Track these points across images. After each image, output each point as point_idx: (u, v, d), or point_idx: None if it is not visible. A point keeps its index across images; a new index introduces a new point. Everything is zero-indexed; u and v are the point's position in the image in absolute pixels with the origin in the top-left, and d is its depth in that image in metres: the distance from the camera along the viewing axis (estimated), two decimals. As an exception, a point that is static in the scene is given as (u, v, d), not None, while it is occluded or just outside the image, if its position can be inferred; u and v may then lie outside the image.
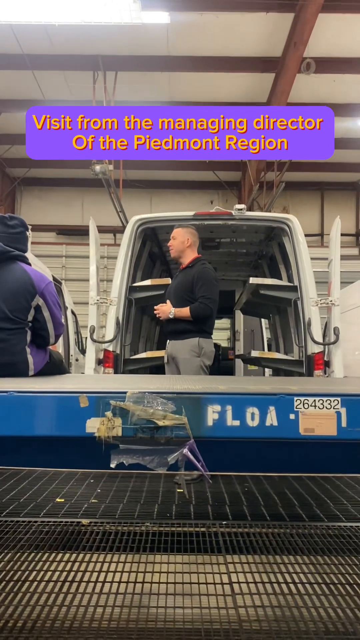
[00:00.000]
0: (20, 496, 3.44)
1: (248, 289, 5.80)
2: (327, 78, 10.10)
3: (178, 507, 3.26)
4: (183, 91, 10.98)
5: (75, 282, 13.27)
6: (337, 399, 1.64)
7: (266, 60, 9.86)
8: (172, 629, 1.96)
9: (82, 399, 1.65)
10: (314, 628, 1.95)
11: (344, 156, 13.62)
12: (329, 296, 4.92)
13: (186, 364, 4.12)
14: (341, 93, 10.81)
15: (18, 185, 15.46)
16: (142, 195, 14.98)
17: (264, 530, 2.87)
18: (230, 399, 1.65)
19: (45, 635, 1.89)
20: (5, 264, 2.71)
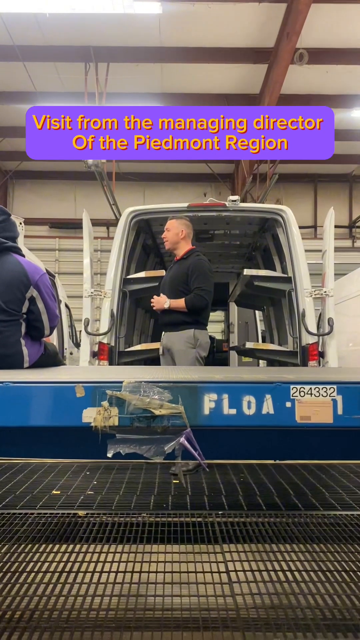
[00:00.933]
0: (16, 489, 3.44)
1: (242, 280, 5.80)
2: (320, 69, 10.07)
3: (174, 497, 3.27)
4: (176, 82, 10.92)
5: (69, 276, 13.23)
6: (333, 387, 1.64)
7: (259, 51, 9.81)
8: (169, 617, 1.97)
9: (78, 389, 1.64)
10: (311, 615, 1.96)
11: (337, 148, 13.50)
12: (323, 287, 4.93)
13: (182, 355, 4.12)
14: (334, 84, 10.78)
15: (10, 178, 15.35)
16: (135, 188, 14.92)
17: (260, 519, 2.88)
18: (227, 388, 1.65)
19: (44, 625, 1.89)
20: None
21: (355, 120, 12.18)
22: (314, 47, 9.30)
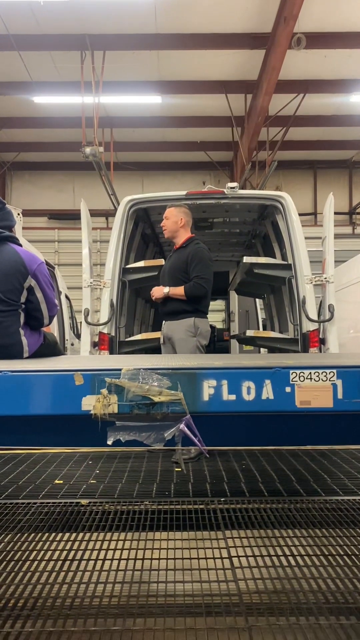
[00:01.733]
0: (18, 479, 3.44)
1: (242, 268, 5.78)
2: (318, 54, 9.97)
3: (176, 485, 3.28)
4: (172, 70, 10.82)
5: (69, 267, 13.22)
6: (333, 371, 1.64)
7: (256, 37, 9.71)
8: (172, 603, 1.98)
9: (77, 377, 1.64)
10: (313, 599, 1.97)
11: (336, 133, 13.54)
12: (323, 274, 4.91)
13: (182, 344, 4.12)
14: (332, 69, 10.69)
15: (8, 169, 15.29)
16: (133, 177, 14.86)
17: (262, 505, 2.88)
18: (226, 374, 1.65)
19: (47, 613, 1.90)
20: (-5, 246, 2.68)
21: (354, 105, 12.10)
22: (311, 32, 9.21)
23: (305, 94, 11.24)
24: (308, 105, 11.63)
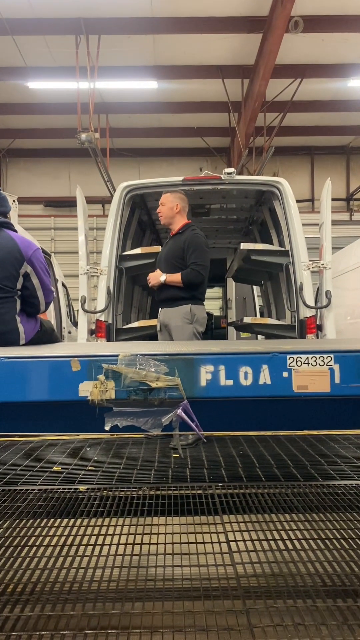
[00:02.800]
0: (17, 466, 3.46)
1: (239, 255, 5.76)
2: (315, 37, 9.85)
3: (174, 471, 3.29)
4: (168, 54, 10.69)
5: (65, 255, 13.13)
6: (330, 356, 1.63)
7: (253, 20, 9.58)
8: (171, 587, 1.99)
9: (74, 363, 1.63)
10: (311, 582, 1.99)
11: (334, 119, 13.44)
12: (321, 260, 4.90)
13: (179, 330, 4.11)
14: (330, 53, 10.57)
15: (3, 156, 15.16)
16: (129, 163, 14.76)
17: (260, 490, 2.90)
18: (223, 359, 1.64)
19: (46, 597, 1.91)
20: (-10, 233, 2.66)
21: (352, 91, 11.99)
22: (309, 15, 9.09)
23: (303, 78, 11.13)
24: (305, 90, 11.53)
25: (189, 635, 1.65)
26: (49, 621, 1.76)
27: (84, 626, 1.72)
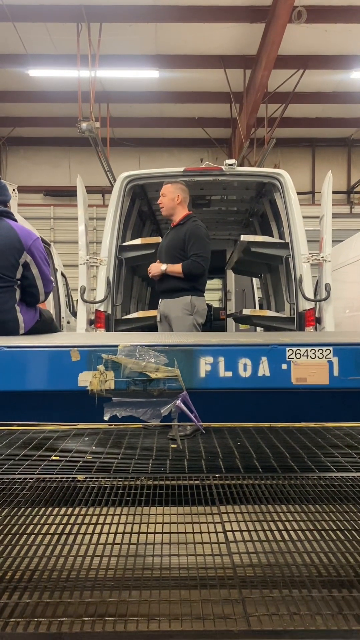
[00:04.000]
0: (15, 454, 3.47)
1: (239, 247, 5.75)
2: (318, 28, 9.78)
3: (172, 461, 3.31)
4: (170, 43, 10.61)
5: (65, 245, 13.10)
6: (330, 349, 1.63)
7: (256, 10, 9.51)
8: (168, 576, 2.01)
9: (73, 353, 1.63)
10: (306, 572, 2.00)
11: (336, 111, 13.37)
12: (321, 252, 4.89)
13: (179, 322, 4.12)
14: (333, 44, 10.50)
15: (3, 145, 15.07)
16: (130, 153, 14.69)
17: (257, 481, 2.92)
18: (223, 351, 1.64)
19: (44, 585, 1.93)
20: (-10, 222, 2.65)
21: (354, 82, 11.92)
22: (312, 5, 9.03)
23: (305, 69, 11.06)
24: (308, 81, 11.46)
25: (185, 624, 1.67)
26: (47, 608, 1.77)
27: (81, 613, 1.73)
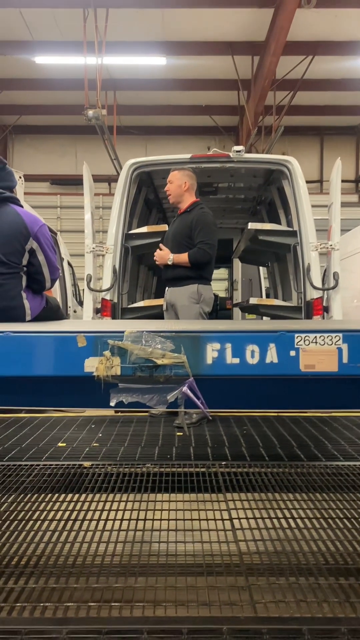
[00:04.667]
0: (22, 442, 3.48)
1: (246, 235, 5.71)
2: (328, 13, 9.63)
3: (178, 449, 3.31)
4: (177, 30, 10.49)
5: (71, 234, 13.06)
6: (339, 335, 1.61)
7: (264, -6, 9.38)
8: (174, 563, 2.01)
9: (79, 339, 1.62)
10: (313, 560, 2.00)
11: (345, 98, 13.21)
12: (329, 241, 4.84)
13: (185, 310, 4.09)
14: (343, 30, 10.33)
15: (9, 133, 15.02)
16: (136, 142, 14.59)
17: (263, 469, 2.91)
18: (230, 337, 1.62)
19: (50, 570, 1.93)
20: (-4, 207, 2.63)
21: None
22: (322, -11, 8.87)
23: (314, 56, 10.91)
24: (316, 68, 11.31)
25: (191, 610, 1.67)
26: (53, 593, 1.78)
27: (87, 599, 1.73)
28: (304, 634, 1.52)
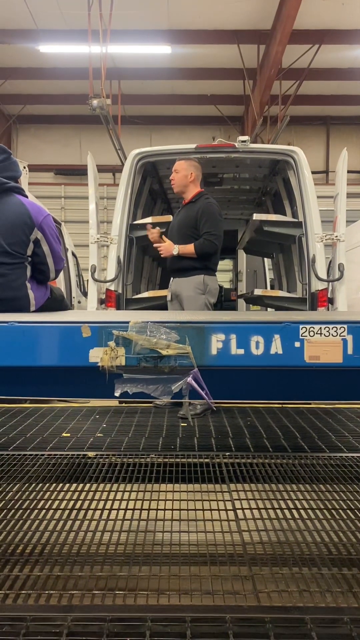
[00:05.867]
0: (26, 431, 3.49)
1: (251, 226, 5.69)
2: (335, 1, 9.54)
3: (182, 439, 3.31)
4: (183, 18, 10.41)
5: (75, 224, 13.05)
6: (344, 326, 1.61)
7: (271, -18, 9.28)
8: (177, 553, 2.02)
9: (84, 329, 1.62)
10: (316, 550, 2.00)
11: (352, 88, 13.10)
12: (334, 232, 4.82)
13: (191, 301, 4.09)
14: (350, 18, 10.22)
15: (13, 123, 14.97)
16: (141, 131, 14.53)
17: (267, 460, 2.92)
18: (235, 328, 1.62)
19: (55, 559, 1.95)
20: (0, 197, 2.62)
21: (371, 58, 11.64)
22: (329, -23, 8.78)
23: (321, 45, 10.81)
24: (323, 57, 11.21)
25: (195, 599, 1.68)
26: (58, 581, 1.79)
27: (91, 587, 1.75)
28: (306, 623, 1.53)
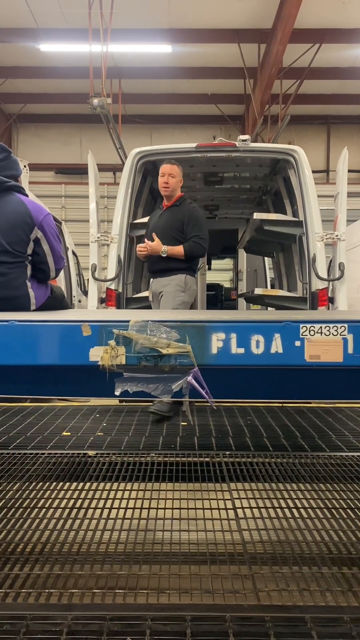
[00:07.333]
0: (27, 430, 3.49)
1: (252, 225, 5.68)
2: (336, 1, 9.52)
3: (182, 439, 3.32)
4: (183, 17, 10.39)
5: (76, 223, 13.05)
6: (344, 326, 1.61)
7: (272, -19, 9.27)
8: (177, 551, 2.02)
9: (84, 328, 1.62)
10: (316, 549, 2.01)
11: (352, 87, 13.08)
12: (335, 231, 4.82)
13: (169, 297, 4.06)
14: (351, 17, 10.20)
15: (14, 122, 14.96)
16: (142, 130, 14.52)
17: (267, 459, 2.92)
18: (235, 327, 1.62)
19: (55, 557, 1.95)
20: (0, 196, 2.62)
21: (372, 57, 11.63)
22: (330, -24, 8.77)
23: (322, 44, 10.79)
24: (324, 56, 11.19)
25: (195, 597, 1.68)
26: (58, 580, 1.80)
27: (92, 586, 1.75)
28: (306, 622, 1.53)
